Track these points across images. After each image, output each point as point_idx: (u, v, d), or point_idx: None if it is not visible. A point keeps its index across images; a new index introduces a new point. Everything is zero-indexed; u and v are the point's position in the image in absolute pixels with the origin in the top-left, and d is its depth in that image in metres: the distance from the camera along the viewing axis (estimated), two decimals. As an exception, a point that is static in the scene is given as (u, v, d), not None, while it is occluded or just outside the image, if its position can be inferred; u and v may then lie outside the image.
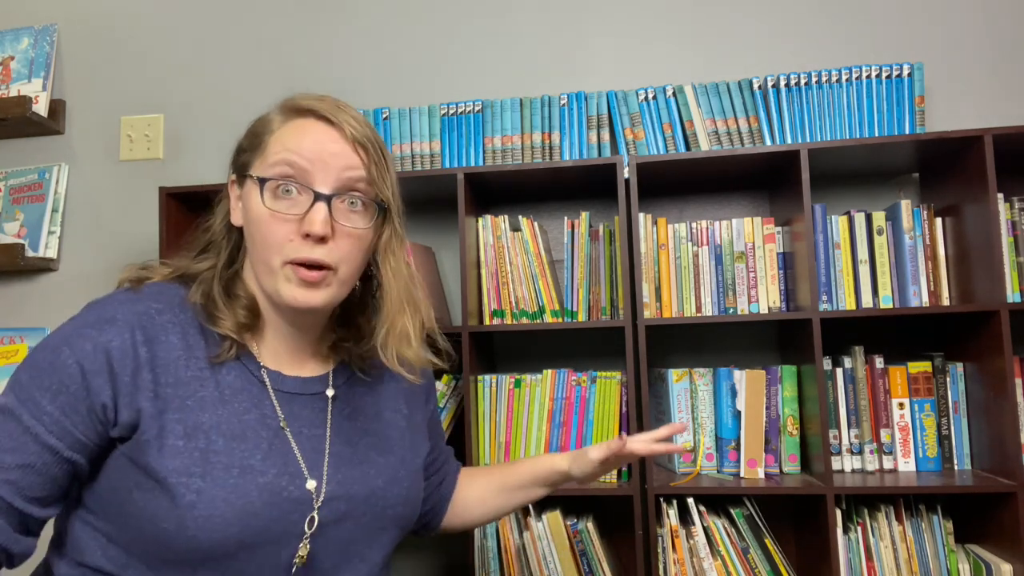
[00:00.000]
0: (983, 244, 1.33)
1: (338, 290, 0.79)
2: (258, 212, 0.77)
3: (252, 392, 0.79)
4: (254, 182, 0.78)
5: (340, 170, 0.77)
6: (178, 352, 0.76)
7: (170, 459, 0.71)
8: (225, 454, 0.73)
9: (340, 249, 0.78)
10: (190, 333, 0.78)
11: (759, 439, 1.41)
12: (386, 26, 1.83)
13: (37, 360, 0.72)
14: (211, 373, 0.77)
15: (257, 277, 0.80)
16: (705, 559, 1.36)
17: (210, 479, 0.71)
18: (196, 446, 0.72)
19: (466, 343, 1.42)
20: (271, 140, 0.79)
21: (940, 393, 1.42)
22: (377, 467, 0.84)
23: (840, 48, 1.66)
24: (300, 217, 0.76)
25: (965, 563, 1.34)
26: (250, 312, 0.81)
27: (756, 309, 1.45)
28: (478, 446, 1.47)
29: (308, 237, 0.75)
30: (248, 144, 0.82)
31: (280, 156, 0.77)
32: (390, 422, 0.90)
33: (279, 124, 0.80)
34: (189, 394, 0.74)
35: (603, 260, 1.49)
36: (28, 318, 1.86)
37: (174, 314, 0.78)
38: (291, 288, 0.76)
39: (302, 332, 0.85)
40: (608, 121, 1.66)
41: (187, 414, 0.74)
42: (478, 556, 1.42)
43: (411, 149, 1.69)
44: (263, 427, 0.77)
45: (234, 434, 0.75)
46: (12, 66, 1.89)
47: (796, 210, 1.39)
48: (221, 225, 0.85)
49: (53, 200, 1.85)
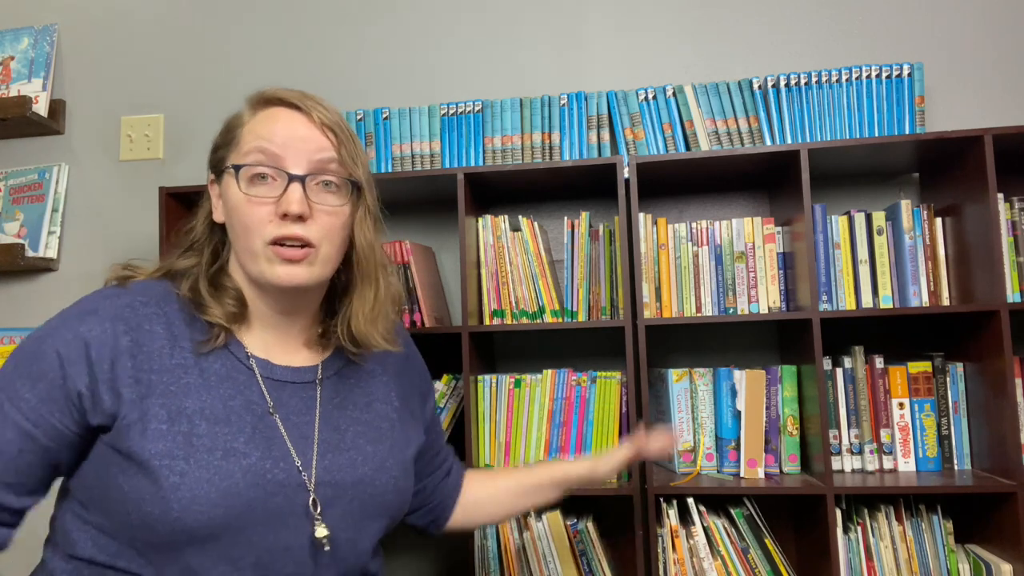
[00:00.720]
0: (983, 244, 1.33)
1: (321, 269, 0.82)
2: (236, 199, 0.79)
3: (239, 379, 0.81)
4: (230, 173, 0.80)
5: (311, 152, 0.80)
6: (162, 341, 0.78)
7: (153, 443, 0.72)
8: (208, 437, 0.75)
9: (319, 226, 0.80)
10: (175, 323, 0.80)
11: (759, 439, 1.41)
12: (386, 26, 1.83)
13: (22, 351, 0.75)
14: (195, 361, 0.79)
15: (242, 265, 0.82)
16: (705, 559, 1.36)
17: (193, 461, 0.72)
18: (179, 430, 0.74)
19: (466, 343, 1.42)
20: (243, 132, 0.82)
21: (940, 393, 1.42)
22: (365, 455, 0.85)
23: (840, 48, 1.66)
24: (277, 199, 0.78)
25: (965, 563, 1.34)
26: (238, 302, 0.83)
27: (756, 309, 1.45)
28: (478, 446, 1.47)
29: (286, 217, 0.78)
30: (222, 140, 0.85)
31: (252, 144, 0.80)
32: (380, 413, 0.90)
33: (249, 116, 0.83)
34: (173, 380, 0.76)
35: (603, 260, 1.49)
36: (28, 318, 1.86)
37: (159, 306, 0.80)
38: (274, 268, 0.78)
39: (290, 319, 0.86)
40: (608, 121, 1.66)
41: (170, 399, 0.75)
42: (478, 556, 1.42)
43: (411, 149, 1.69)
44: (248, 412, 0.79)
45: (218, 418, 0.76)
46: (12, 66, 1.89)
47: (796, 210, 1.39)
48: (203, 224, 0.87)
49: (53, 200, 1.85)
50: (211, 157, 0.87)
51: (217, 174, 0.85)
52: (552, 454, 1.46)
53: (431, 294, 1.58)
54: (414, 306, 1.51)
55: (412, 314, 1.51)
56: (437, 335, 1.49)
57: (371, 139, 1.71)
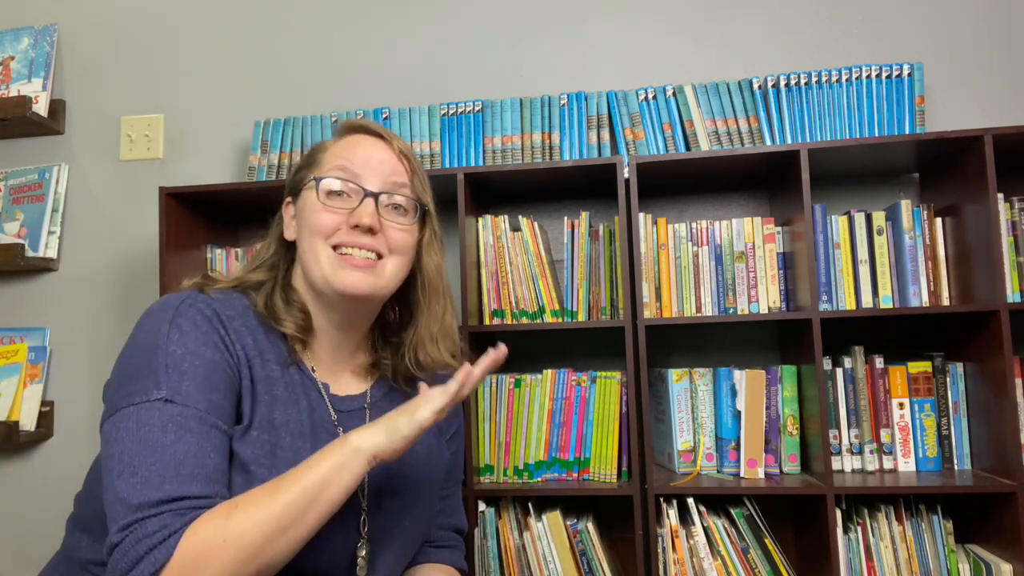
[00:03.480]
0: (983, 244, 1.33)
1: (385, 281, 0.86)
2: (312, 207, 0.85)
3: (312, 396, 0.85)
4: (310, 187, 0.86)
5: (387, 174, 0.87)
6: (253, 352, 0.81)
7: (250, 446, 0.76)
8: (291, 451, 0.78)
9: (389, 241, 0.86)
10: (258, 337, 0.83)
11: (759, 439, 1.41)
12: (386, 26, 1.82)
13: (164, 355, 0.75)
14: (281, 373, 0.82)
15: (306, 273, 0.86)
16: (705, 559, 1.36)
17: (275, 472, 0.75)
18: (268, 439, 0.77)
19: (466, 343, 1.42)
20: (325, 155, 0.89)
21: (940, 393, 1.42)
22: (406, 482, 0.89)
23: (840, 48, 1.66)
24: (351, 211, 0.84)
25: (965, 563, 1.34)
26: (304, 315, 0.87)
27: (756, 309, 1.45)
28: (478, 446, 1.47)
29: (357, 228, 0.83)
30: (304, 163, 0.92)
31: (334, 163, 0.87)
32: (420, 439, 0.87)
33: (332, 142, 0.91)
34: (265, 390, 0.80)
35: (603, 260, 1.49)
36: (28, 318, 1.86)
37: (244, 319, 0.83)
38: (338, 273, 0.83)
39: (346, 336, 0.90)
40: (608, 121, 1.66)
41: (264, 408, 0.79)
42: (478, 556, 1.42)
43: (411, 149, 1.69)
44: (323, 430, 0.83)
45: (301, 432, 0.80)
46: (12, 66, 1.89)
47: (796, 210, 1.39)
48: (276, 243, 0.92)
49: (53, 200, 1.85)
50: (290, 179, 0.93)
51: (295, 193, 0.91)
52: (552, 454, 1.46)
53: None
54: (414, 306, 1.51)
55: (412, 314, 1.51)
56: (437, 335, 1.49)
57: (371, 139, 1.71)
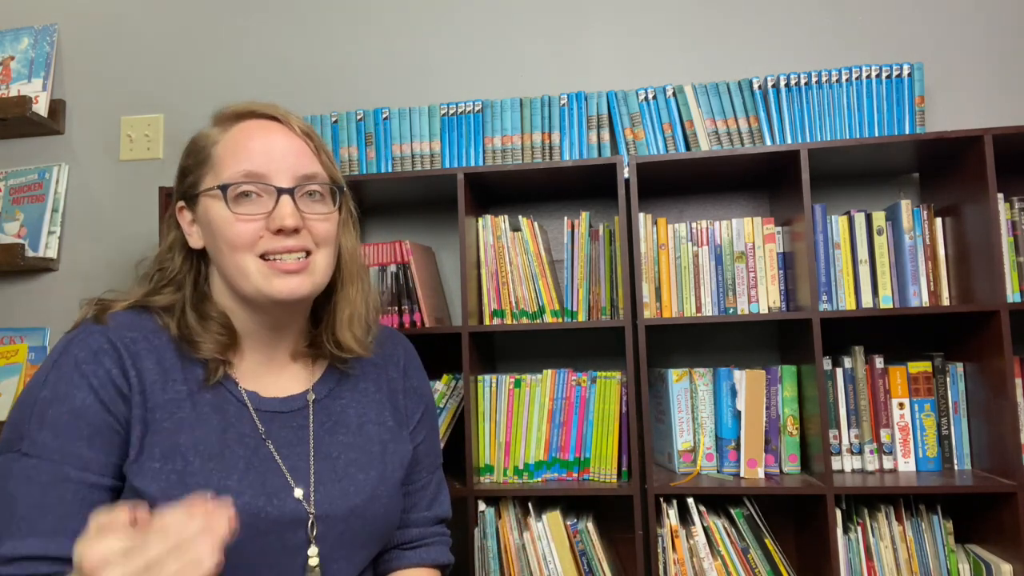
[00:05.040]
0: (983, 244, 1.33)
1: (320, 277, 0.81)
2: (222, 220, 0.77)
3: (230, 411, 0.79)
4: (212, 195, 0.78)
5: (294, 163, 0.79)
6: (154, 376, 0.76)
7: (152, 481, 0.72)
8: (202, 475, 0.74)
9: (313, 235, 0.80)
10: (166, 358, 0.78)
11: (759, 439, 1.41)
12: (386, 26, 1.82)
13: (38, 405, 0.72)
14: (188, 395, 0.77)
15: (232, 285, 0.80)
16: (705, 559, 1.36)
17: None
18: (173, 468, 0.73)
19: (466, 343, 1.42)
20: (217, 151, 0.80)
21: (940, 393, 1.42)
22: (356, 484, 0.84)
23: (840, 48, 1.66)
24: (266, 215, 0.77)
25: (965, 563, 1.34)
26: (226, 329, 0.81)
27: (756, 309, 1.45)
28: (478, 446, 1.47)
29: (280, 232, 0.77)
30: (192, 164, 0.83)
31: (232, 162, 0.78)
32: (372, 435, 0.88)
33: (219, 134, 0.82)
34: (166, 416, 0.75)
35: (603, 260, 1.49)
36: (28, 318, 1.86)
37: (148, 341, 0.78)
38: (271, 282, 0.77)
39: (280, 335, 0.85)
40: (608, 121, 1.66)
41: (165, 436, 0.74)
42: (478, 556, 1.42)
43: (411, 149, 1.69)
44: (240, 445, 0.78)
45: (211, 454, 0.75)
46: (12, 66, 1.89)
47: (796, 210, 1.39)
48: (179, 255, 0.85)
49: (53, 200, 1.85)
50: (179, 184, 0.85)
51: (189, 200, 0.82)
52: (552, 454, 1.46)
53: (431, 294, 1.58)
54: (414, 306, 1.51)
55: (412, 314, 1.51)
56: (437, 335, 1.49)
57: (371, 139, 1.70)
